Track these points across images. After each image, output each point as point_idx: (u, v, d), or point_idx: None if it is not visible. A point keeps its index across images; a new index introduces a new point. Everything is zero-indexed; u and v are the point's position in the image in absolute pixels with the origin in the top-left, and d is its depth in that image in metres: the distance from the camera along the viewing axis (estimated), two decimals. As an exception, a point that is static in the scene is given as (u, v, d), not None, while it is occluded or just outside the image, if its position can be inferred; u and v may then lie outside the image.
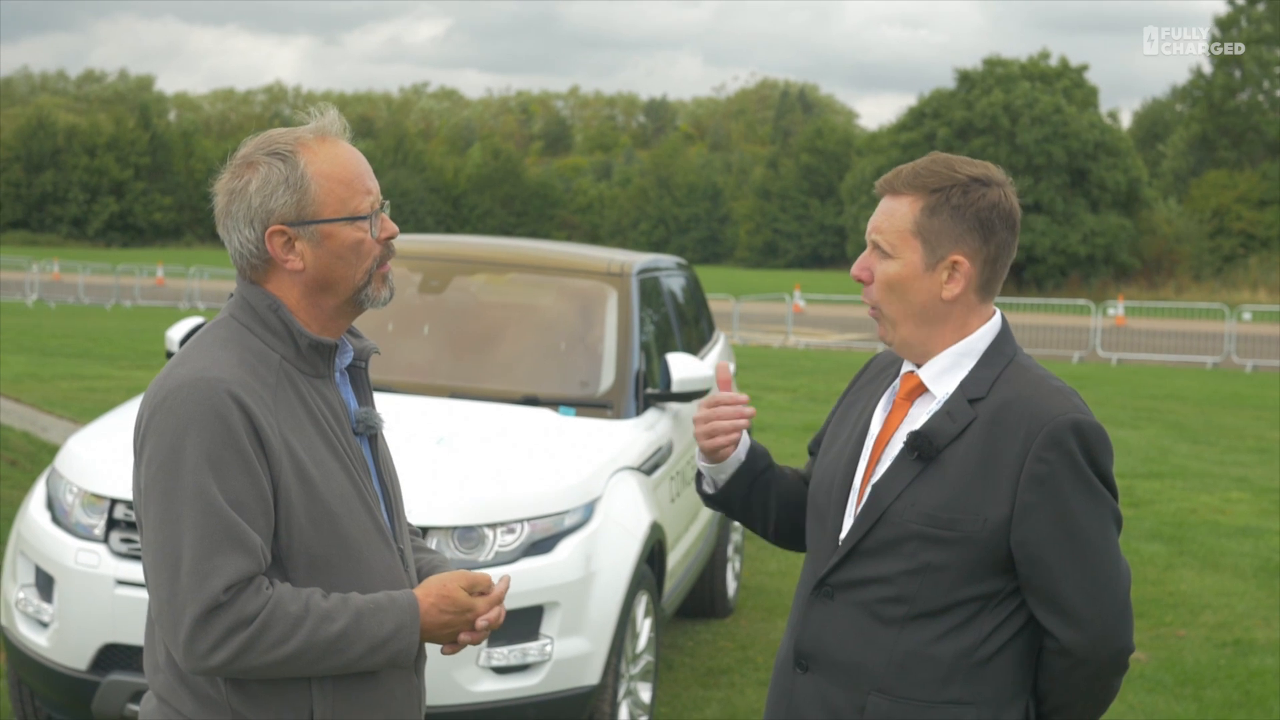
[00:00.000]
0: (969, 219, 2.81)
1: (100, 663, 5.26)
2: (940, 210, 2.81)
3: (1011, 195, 2.87)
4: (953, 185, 2.81)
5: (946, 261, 2.82)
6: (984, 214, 2.82)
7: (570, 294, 7.14)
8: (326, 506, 2.59)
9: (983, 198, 2.82)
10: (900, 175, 2.86)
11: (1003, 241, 2.85)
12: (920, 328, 2.87)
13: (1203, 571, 9.85)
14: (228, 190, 2.67)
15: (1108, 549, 2.77)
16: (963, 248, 2.82)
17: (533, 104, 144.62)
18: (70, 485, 5.49)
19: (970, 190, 2.82)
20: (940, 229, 2.81)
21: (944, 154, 2.90)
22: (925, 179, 2.83)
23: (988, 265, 2.85)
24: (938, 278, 2.83)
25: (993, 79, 62.83)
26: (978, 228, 2.82)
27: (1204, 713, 6.89)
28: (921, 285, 2.83)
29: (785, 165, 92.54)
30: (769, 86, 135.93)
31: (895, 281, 2.84)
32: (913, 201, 2.83)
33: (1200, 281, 57.50)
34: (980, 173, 2.84)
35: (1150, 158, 71.91)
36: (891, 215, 2.85)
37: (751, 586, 9.08)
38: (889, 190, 2.88)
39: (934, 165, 2.85)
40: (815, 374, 23.51)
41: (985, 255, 2.84)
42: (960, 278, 2.83)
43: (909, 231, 2.82)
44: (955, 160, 2.86)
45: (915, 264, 2.82)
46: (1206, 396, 22.09)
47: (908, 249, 2.83)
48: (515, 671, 5.27)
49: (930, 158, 2.89)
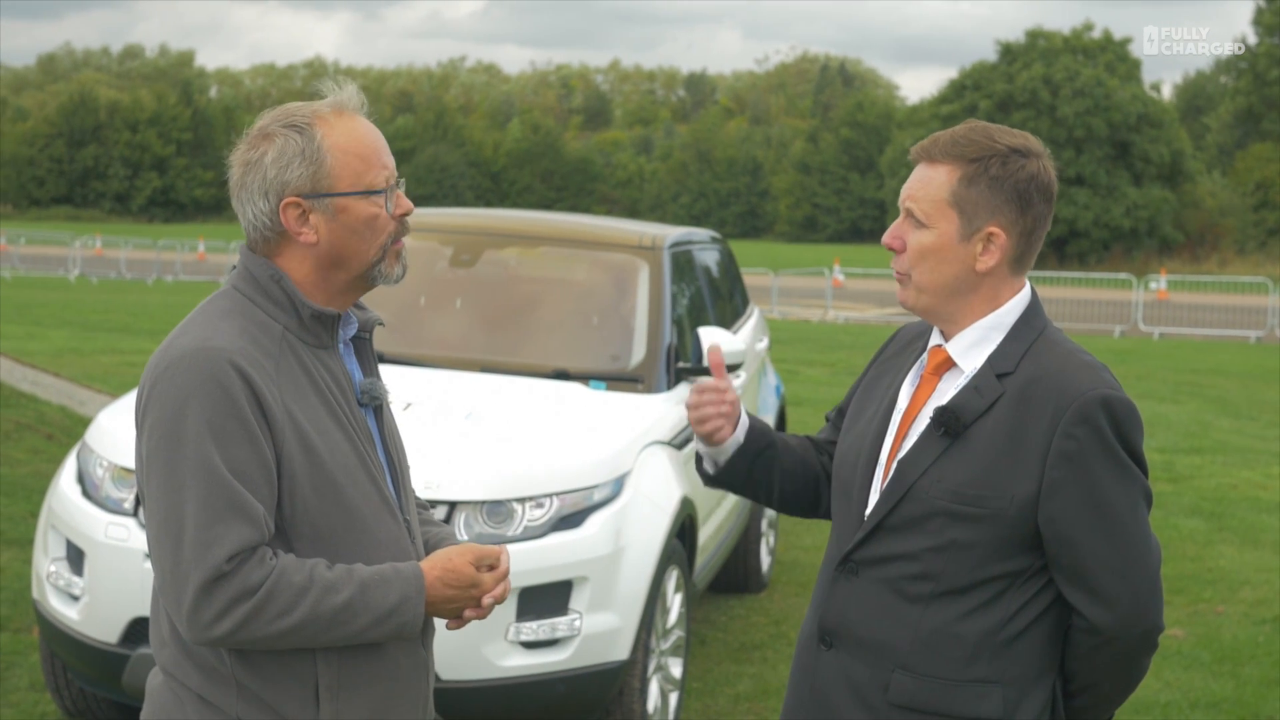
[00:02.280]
0: (1007, 190, 2.75)
1: (130, 636, 5.26)
2: (978, 180, 2.75)
3: (1049, 167, 2.81)
4: (992, 155, 2.76)
5: (982, 233, 2.76)
6: (1022, 186, 2.76)
7: (602, 267, 7.10)
8: (330, 477, 2.57)
9: (1021, 169, 2.76)
10: (938, 143, 2.80)
11: (1039, 214, 2.80)
12: (951, 299, 2.81)
13: (1242, 547, 9.76)
14: (243, 161, 2.65)
15: (1137, 526, 2.72)
16: (999, 219, 2.76)
17: (572, 78, 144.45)
18: (100, 459, 5.49)
19: (1010, 161, 2.76)
20: (978, 200, 2.75)
21: (982, 123, 2.83)
22: (964, 148, 2.77)
23: (1023, 238, 2.80)
24: (972, 249, 2.77)
25: (1035, 52, 62.39)
26: (1015, 199, 2.76)
27: (1241, 690, 6.82)
28: (955, 256, 2.78)
29: (825, 139, 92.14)
30: (809, 60, 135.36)
31: (929, 251, 2.78)
32: (950, 170, 2.77)
33: (1244, 255, 57.00)
34: (1019, 143, 2.78)
35: (1194, 130, 71.35)
36: (928, 184, 2.79)
37: (786, 562, 9.05)
38: (926, 157, 2.81)
39: (973, 134, 2.79)
40: (854, 349, 23.42)
41: (1021, 228, 2.78)
42: (995, 250, 2.77)
43: (945, 201, 2.76)
44: (994, 129, 2.80)
45: (950, 234, 2.77)
46: (1249, 371, 21.90)
47: (943, 219, 2.77)
48: (544, 646, 5.25)
49: (969, 125, 2.82)
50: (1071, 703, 2.86)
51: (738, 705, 6.52)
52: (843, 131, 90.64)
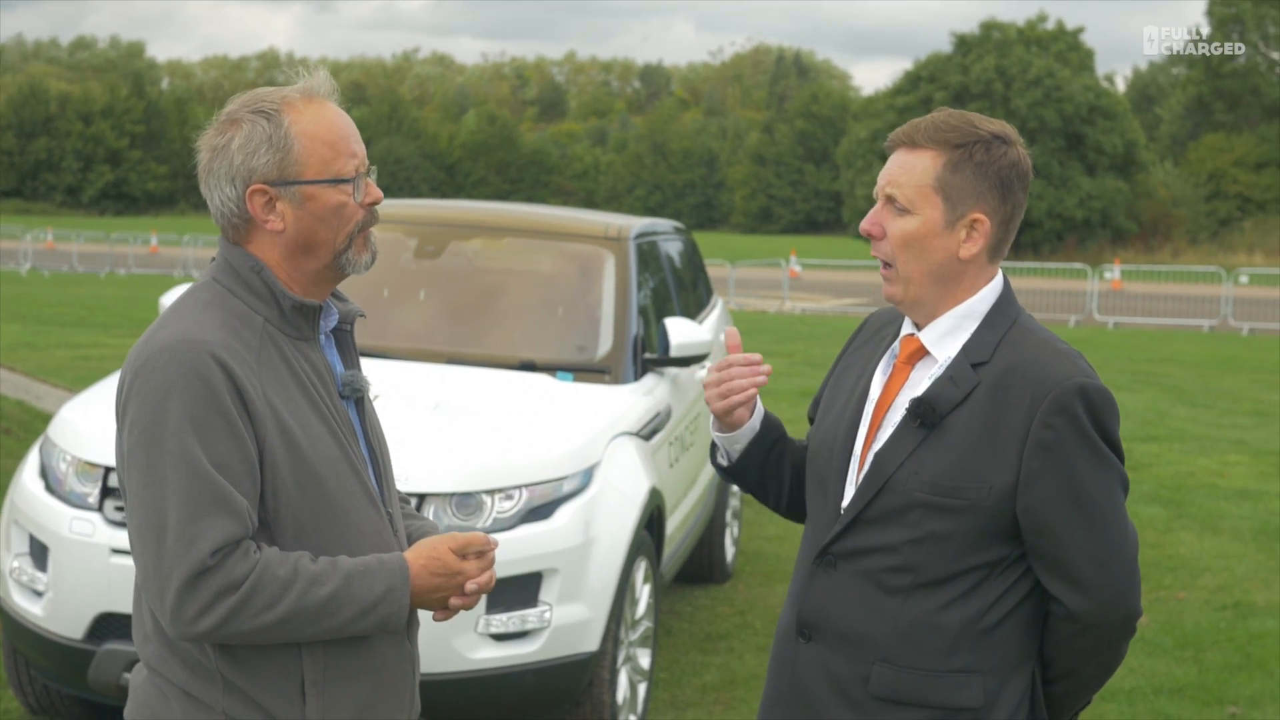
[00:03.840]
0: (991, 176, 2.75)
1: (95, 632, 5.22)
2: (963, 166, 2.74)
3: (1025, 155, 2.82)
4: (976, 141, 2.75)
5: (967, 219, 2.75)
6: (1005, 173, 2.76)
7: (567, 258, 7.09)
8: (313, 470, 2.55)
9: (1004, 156, 2.76)
10: (920, 129, 2.78)
11: (1018, 202, 2.80)
12: (934, 286, 2.80)
13: (1202, 534, 9.83)
14: (210, 147, 2.62)
15: (1115, 514, 2.73)
16: (983, 205, 2.75)
17: (527, 70, 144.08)
18: (64, 453, 5.44)
19: (993, 147, 2.76)
20: (963, 185, 2.74)
21: (958, 110, 2.83)
22: (947, 134, 2.75)
23: (1002, 226, 2.80)
24: (956, 236, 2.76)
25: (989, 43, 62.61)
26: (998, 186, 2.76)
27: (1204, 675, 6.87)
28: (940, 243, 2.76)
29: (780, 130, 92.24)
30: (764, 52, 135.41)
31: (914, 238, 2.77)
32: (935, 156, 2.75)
33: (1197, 245, 57.39)
34: (1000, 130, 2.79)
35: (1147, 121, 71.72)
36: (910, 170, 2.77)
37: (750, 552, 9.06)
38: (907, 143, 2.79)
39: (954, 120, 2.78)
40: (812, 339, 23.47)
41: (1002, 215, 2.78)
42: (979, 236, 2.77)
43: (930, 187, 2.75)
44: (973, 116, 2.80)
45: (935, 220, 2.75)
46: (1203, 360, 22.06)
47: (928, 205, 2.75)
48: (514, 638, 5.24)
49: (946, 112, 2.81)
50: (1050, 689, 2.86)
51: (705, 695, 6.52)
52: (798, 123, 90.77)
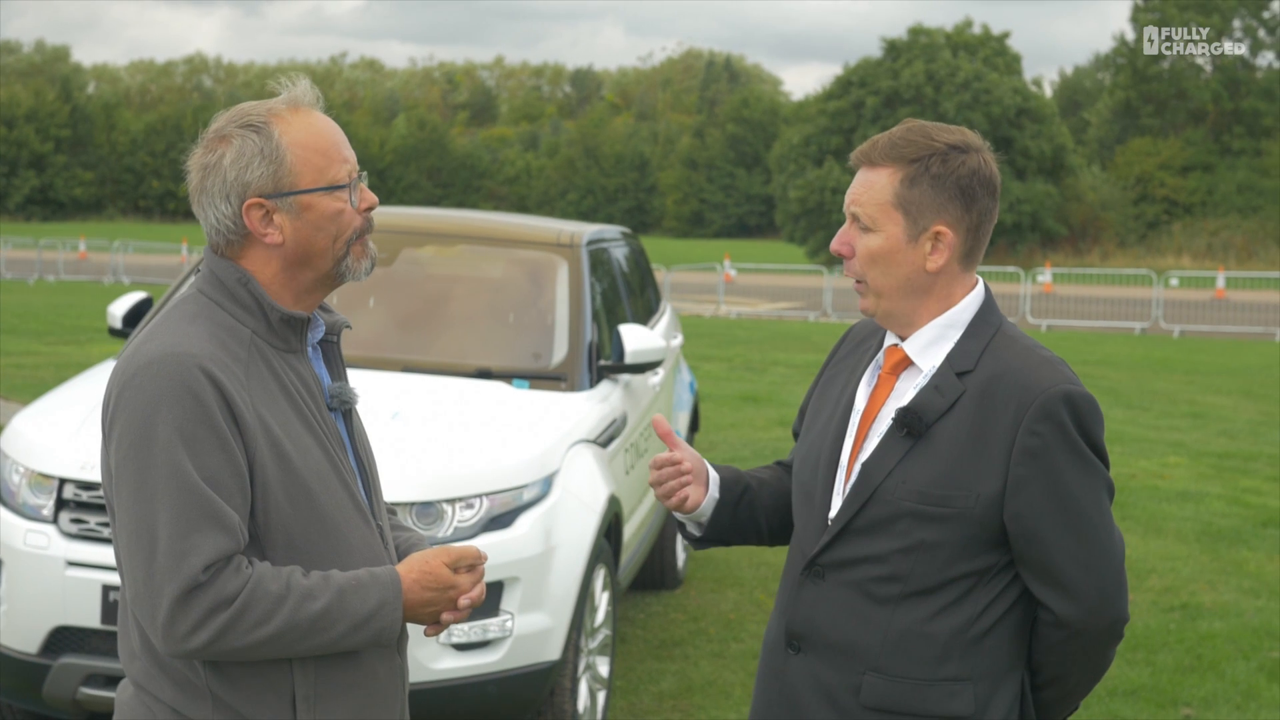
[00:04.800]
0: (950, 188, 2.76)
1: (51, 646, 5.15)
2: (920, 180, 2.76)
3: (990, 160, 2.82)
4: (931, 154, 2.76)
5: (929, 232, 2.77)
6: (964, 182, 2.77)
7: (520, 265, 7.06)
8: (303, 483, 2.52)
9: (962, 165, 2.77)
10: (877, 146, 2.81)
11: (985, 209, 2.81)
12: (906, 299, 2.82)
13: (1146, 536, 9.92)
14: (201, 166, 2.59)
15: (1102, 520, 2.75)
16: (945, 217, 2.77)
17: (457, 74, 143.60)
18: (16, 465, 5.36)
19: (950, 158, 2.77)
20: (921, 200, 2.76)
21: (919, 121, 2.84)
22: (903, 149, 2.77)
23: (970, 234, 2.81)
24: (921, 249, 2.78)
25: (917, 48, 62.97)
26: (959, 196, 2.77)
27: (1157, 677, 6.93)
28: (905, 258, 2.78)
29: (712, 135, 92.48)
30: (694, 56, 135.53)
31: (878, 255, 2.79)
32: (891, 173, 2.77)
33: (1125, 248, 58.00)
34: (958, 139, 2.80)
35: (1074, 125, 72.38)
36: (870, 187, 2.79)
37: (700, 558, 9.05)
38: (866, 161, 2.82)
39: (910, 134, 2.80)
40: (750, 343, 23.55)
41: (968, 224, 2.79)
42: (944, 248, 2.78)
43: (889, 204, 2.77)
44: (931, 127, 2.81)
45: (898, 236, 2.77)
46: (1137, 362, 22.30)
47: (889, 221, 2.78)
48: (476, 648, 5.21)
49: (905, 126, 2.83)
50: (1040, 695, 2.88)
51: (662, 703, 6.51)
52: (729, 127, 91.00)
